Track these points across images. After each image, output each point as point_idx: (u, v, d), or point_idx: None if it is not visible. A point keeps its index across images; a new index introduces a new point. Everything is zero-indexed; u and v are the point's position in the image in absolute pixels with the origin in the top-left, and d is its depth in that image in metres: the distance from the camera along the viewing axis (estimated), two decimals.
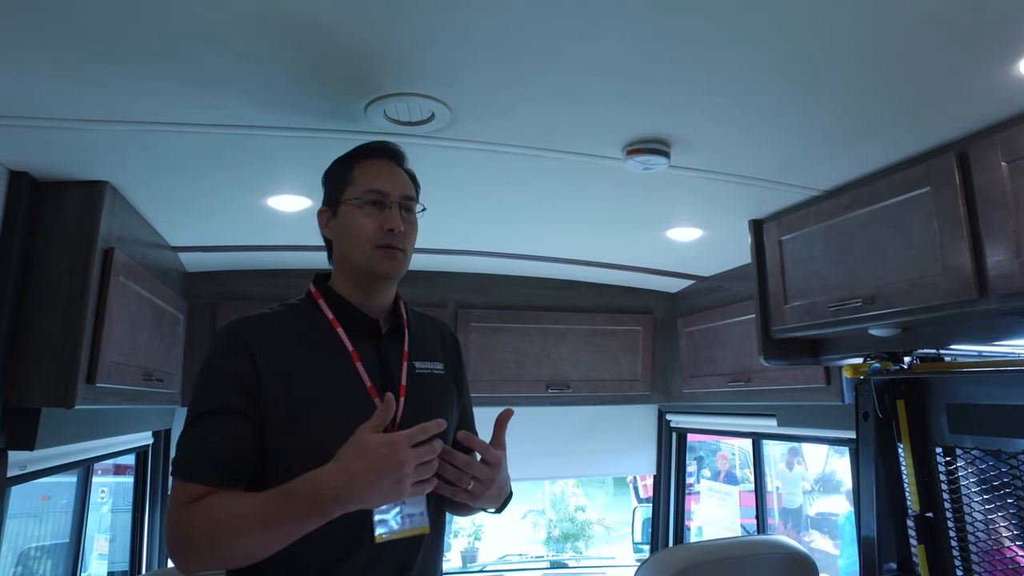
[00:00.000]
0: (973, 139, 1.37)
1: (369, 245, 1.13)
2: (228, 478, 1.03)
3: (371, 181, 1.16)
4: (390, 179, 1.17)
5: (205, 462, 1.03)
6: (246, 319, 1.13)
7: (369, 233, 1.13)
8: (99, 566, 2.85)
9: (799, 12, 1.01)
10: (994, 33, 1.05)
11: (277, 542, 0.97)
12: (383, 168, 1.18)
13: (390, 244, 1.13)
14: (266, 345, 1.09)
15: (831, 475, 6.26)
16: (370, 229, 1.13)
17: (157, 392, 2.06)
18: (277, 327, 1.14)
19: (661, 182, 1.73)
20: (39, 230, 1.55)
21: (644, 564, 1.73)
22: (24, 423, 1.48)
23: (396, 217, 1.14)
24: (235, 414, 1.05)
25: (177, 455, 1.06)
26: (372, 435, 0.96)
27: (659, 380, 3.03)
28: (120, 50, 1.10)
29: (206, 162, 1.58)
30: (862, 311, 1.59)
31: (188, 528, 0.99)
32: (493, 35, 1.08)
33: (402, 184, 1.18)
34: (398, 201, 1.16)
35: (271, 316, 1.16)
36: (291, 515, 0.94)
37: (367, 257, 1.14)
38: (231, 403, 1.05)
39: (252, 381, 1.06)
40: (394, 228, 1.13)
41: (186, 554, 0.99)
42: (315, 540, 1.05)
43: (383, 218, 1.13)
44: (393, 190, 1.16)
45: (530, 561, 4.45)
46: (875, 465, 1.88)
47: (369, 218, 1.14)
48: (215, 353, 1.10)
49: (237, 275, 2.60)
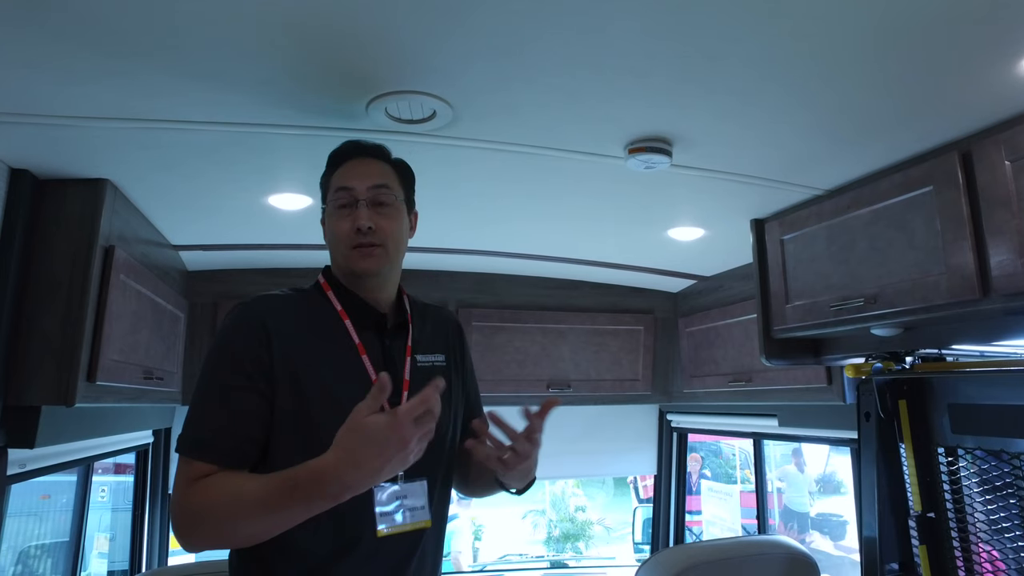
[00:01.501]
0: (976, 138, 1.37)
1: (346, 247, 1.15)
2: (237, 457, 1.03)
3: (338, 181, 1.17)
4: (354, 174, 1.17)
5: (214, 440, 1.02)
6: (261, 297, 1.14)
7: (343, 235, 1.15)
8: (99, 565, 2.85)
9: (803, 10, 1.01)
10: (997, 32, 1.04)
11: (279, 526, 0.97)
12: (352, 167, 1.19)
13: (361, 243, 1.14)
14: (280, 325, 1.09)
15: (832, 476, 6.26)
16: (344, 231, 1.15)
17: (157, 391, 2.05)
18: (291, 309, 1.14)
19: (663, 181, 1.73)
20: (40, 228, 1.55)
21: (645, 564, 1.72)
22: (24, 421, 1.48)
23: (363, 215, 1.14)
24: (248, 391, 1.04)
25: (184, 431, 1.04)
26: (373, 418, 0.91)
27: (660, 380, 3.03)
28: (122, 48, 1.09)
29: (207, 160, 1.57)
30: (864, 311, 1.58)
31: (192, 506, 0.99)
32: (495, 33, 1.08)
33: (368, 176, 1.17)
34: (366, 197, 1.15)
35: (284, 298, 1.16)
36: (295, 502, 0.93)
37: (345, 258, 1.16)
38: (244, 381, 1.04)
39: (266, 360, 1.06)
40: (360, 226, 1.13)
41: (189, 532, 1.00)
42: (317, 532, 1.05)
43: (353, 217, 1.14)
44: (358, 184, 1.15)
45: (530, 561, 4.46)
46: (877, 465, 1.88)
47: (342, 220, 1.15)
48: (230, 329, 1.09)
49: (238, 274, 2.60)
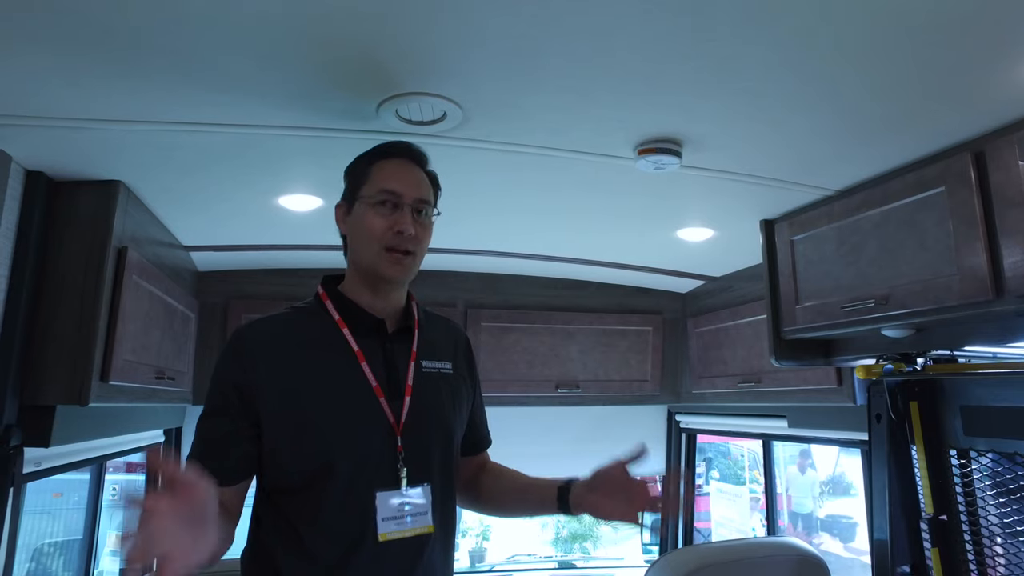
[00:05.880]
0: (989, 138, 1.36)
1: (378, 245, 1.13)
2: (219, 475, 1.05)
3: (385, 181, 1.16)
4: (405, 180, 1.17)
5: (200, 460, 1.07)
6: (253, 324, 1.16)
7: (379, 233, 1.13)
8: (111, 562, 2.87)
9: (814, 11, 1.01)
10: (1010, 31, 1.04)
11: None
12: (400, 169, 1.18)
13: (398, 246, 1.13)
14: (270, 350, 1.12)
15: (841, 477, 6.22)
16: (380, 229, 1.13)
17: (169, 390, 2.07)
18: (284, 331, 1.16)
19: (672, 182, 1.72)
20: (54, 229, 1.57)
21: (654, 565, 1.72)
22: (39, 420, 1.50)
23: (407, 219, 1.13)
24: (227, 417, 1.09)
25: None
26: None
27: (668, 381, 3.02)
28: (135, 51, 1.10)
29: (218, 161, 1.58)
30: (875, 312, 1.57)
31: None
32: (506, 35, 1.08)
33: (417, 186, 1.17)
34: (411, 204, 1.15)
35: (278, 319, 1.18)
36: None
37: (375, 257, 1.14)
38: (225, 407, 1.10)
39: (246, 385, 1.09)
40: (403, 230, 1.12)
41: None
42: (319, 538, 1.06)
43: (394, 219, 1.13)
44: (407, 191, 1.15)
45: (538, 561, 4.45)
46: (888, 467, 1.86)
47: (380, 217, 1.14)
48: (220, 359, 1.14)
49: (248, 274, 2.62)
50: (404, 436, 1.13)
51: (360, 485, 1.09)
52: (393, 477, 1.11)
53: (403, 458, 1.12)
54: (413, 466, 1.13)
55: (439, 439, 1.18)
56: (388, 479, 1.11)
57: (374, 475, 1.10)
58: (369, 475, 1.10)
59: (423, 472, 1.14)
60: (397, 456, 1.12)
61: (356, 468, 1.09)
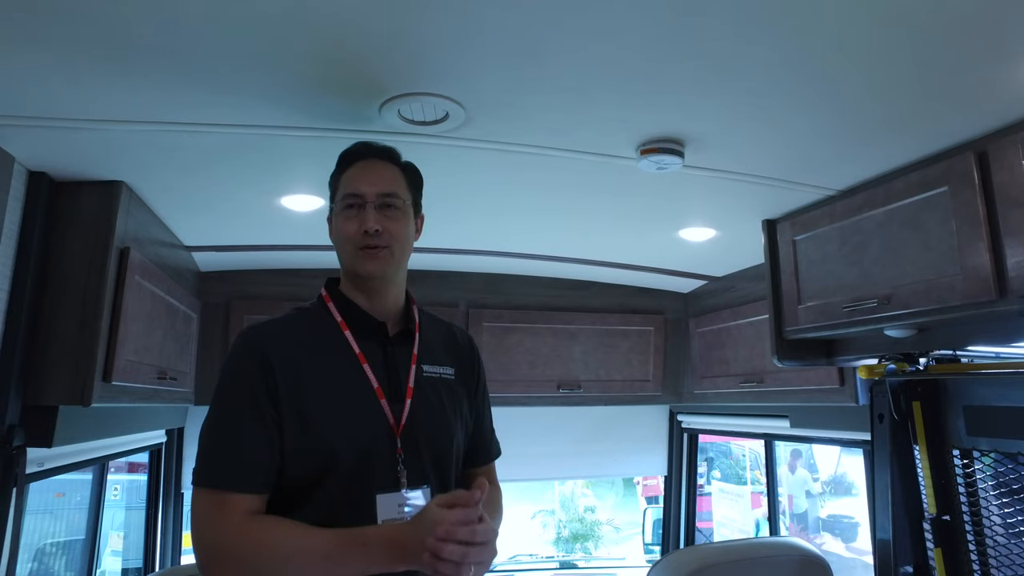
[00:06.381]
0: (992, 137, 1.35)
1: (352, 246, 1.16)
2: (264, 484, 1.05)
3: (348, 185, 1.18)
4: (366, 180, 1.17)
5: (241, 469, 1.03)
6: (258, 326, 1.16)
7: (351, 235, 1.15)
8: (113, 562, 2.87)
9: (816, 11, 1.00)
10: (1013, 30, 1.03)
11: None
12: (361, 171, 1.19)
13: (367, 244, 1.15)
14: (279, 350, 1.11)
15: (842, 477, 6.21)
16: (350, 232, 1.15)
17: (171, 391, 2.07)
18: (288, 332, 1.16)
19: (674, 182, 1.72)
20: (56, 230, 1.57)
21: (657, 565, 1.72)
22: (42, 421, 1.50)
23: (370, 217, 1.14)
24: (259, 420, 1.06)
25: (203, 465, 1.05)
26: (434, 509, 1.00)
27: (670, 381, 3.02)
28: (137, 51, 1.11)
29: (220, 162, 1.59)
30: (878, 312, 1.57)
31: (237, 548, 1.00)
32: (508, 35, 1.08)
33: (379, 182, 1.18)
34: (374, 201, 1.16)
35: (282, 321, 1.18)
36: (359, 559, 0.99)
37: (352, 259, 1.17)
38: (257, 408, 1.06)
39: (271, 385, 1.08)
40: (367, 228, 1.14)
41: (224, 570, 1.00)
42: None
43: (360, 219, 1.15)
44: (368, 190, 1.16)
45: (540, 561, 4.45)
46: (891, 467, 1.86)
47: (349, 221, 1.16)
48: (234, 360, 1.12)
49: (250, 274, 2.62)
50: (404, 438, 1.13)
51: (360, 486, 1.09)
52: (393, 479, 1.11)
53: (403, 460, 1.12)
54: (413, 468, 1.13)
55: (439, 442, 1.19)
56: (388, 481, 1.11)
57: (374, 477, 1.10)
58: (369, 477, 1.10)
59: (423, 474, 1.14)
60: (397, 458, 1.12)
61: (356, 469, 1.09)
